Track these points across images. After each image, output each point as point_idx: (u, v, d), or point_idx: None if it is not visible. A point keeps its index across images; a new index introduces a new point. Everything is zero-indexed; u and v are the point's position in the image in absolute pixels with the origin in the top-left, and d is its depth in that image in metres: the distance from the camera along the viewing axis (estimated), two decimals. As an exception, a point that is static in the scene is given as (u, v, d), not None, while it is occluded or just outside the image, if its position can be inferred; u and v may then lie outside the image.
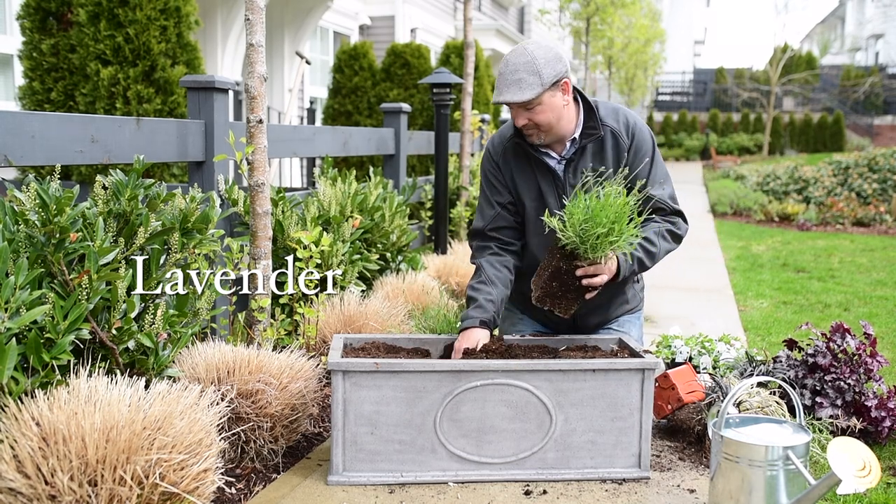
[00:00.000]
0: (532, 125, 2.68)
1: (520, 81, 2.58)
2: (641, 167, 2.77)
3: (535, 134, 2.71)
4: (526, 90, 2.58)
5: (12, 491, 1.79)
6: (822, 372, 2.88)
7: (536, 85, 2.58)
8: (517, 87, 2.58)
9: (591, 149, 2.77)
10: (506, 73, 2.60)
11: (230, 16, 9.18)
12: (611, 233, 2.45)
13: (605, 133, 2.77)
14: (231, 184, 3.44)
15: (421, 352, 2.74)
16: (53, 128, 2.61)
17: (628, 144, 2.77)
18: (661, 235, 2.77)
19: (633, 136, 2.78)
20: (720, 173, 18.50)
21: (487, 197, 2.90)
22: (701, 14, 49.06)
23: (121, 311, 2.25)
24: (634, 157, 2.78)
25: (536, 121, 2.66)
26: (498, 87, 2.63)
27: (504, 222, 2.87)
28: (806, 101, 30.06)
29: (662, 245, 2.77)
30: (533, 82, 2.58)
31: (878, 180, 12.13)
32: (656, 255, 2.75)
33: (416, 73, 8.62)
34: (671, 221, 2.82)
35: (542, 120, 2.66)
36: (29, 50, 4.91)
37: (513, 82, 2.58)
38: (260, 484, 2.42)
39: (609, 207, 2.43)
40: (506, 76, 2.60)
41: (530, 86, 2.58)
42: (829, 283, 6.42)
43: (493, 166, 2.88)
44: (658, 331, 4.46)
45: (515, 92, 2.58)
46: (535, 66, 2.58)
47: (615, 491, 2.42)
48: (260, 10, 2.99)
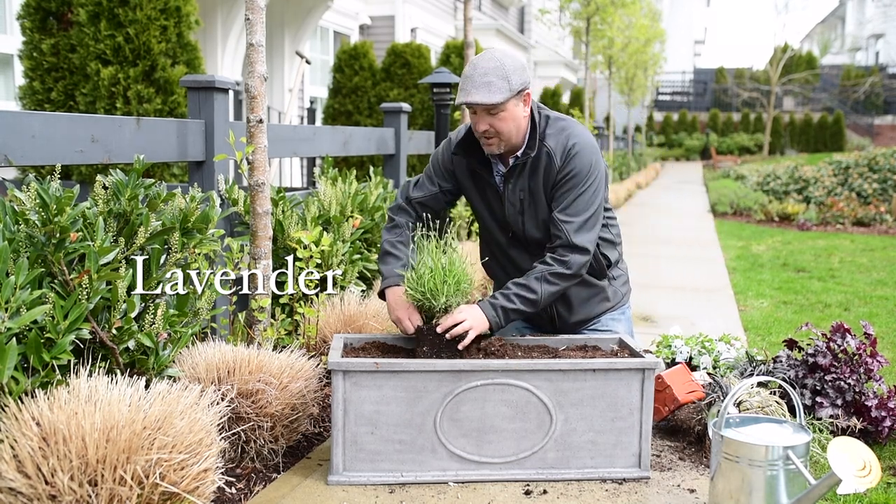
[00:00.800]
0: (493, 132, 2.64)
1: (489, 84, 2.55)
2: (566, 191, 2.69)
3: (494, 143, 2.68)
4: (495, 93, 2.55)
5: (12, 491, 1.79)
6: (823, 372, 2.88)
7: (505, 90, 2.56)
8: (486, 89, 2.55)
9: (529, 166, 2.74)
10: (474, 75, 2.57)
11: (230, 16, 9.18)
12: (445, 284, 2.49)
13: (541, 152, 2.72)
14: (231, 183, 3.44)
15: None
16: (54, 127, 2.61)
17: (559, 166, 2.70)
18: (542, 280, 2.65)
19: (568, 159, 2.70)
20: (720, 173, 18.50)
21: (431, 176, 2.92)
22: (701, 14, 49.06)
23: (121, 310, 2.25)
24: (564, 182, 2.70)
25: (498, 128, 2.63)
26: (464, 87, 2.58)
27: (433, 203, 2.91)
28: (806, 101, 30.07)
29: (545, 288, 2.64)
30: (502, 86, 2.56)
31: (879, 180, 12.13)
32: (538, 300, 2.65)
33: (416, 72, 8.62)
34: (560, 259, 2.67)
35: (504, 128, 2.64)
36: (29, 50, 4.91)
37: (482, 84, 2.55)
38: (260, 484, 2.42)
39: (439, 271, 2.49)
40: (474, 78, 2.57)
41: (499, 90, 2.56)
42: (829, 282, 6.42)
43: (448, 157, 2.89)
44: (658, 331, 4.47)
45: (485, 94, 2.55)
46: (504, 71, 2.57)
47: (615, 491, 2.42)
48: (260, 10, 2.99)
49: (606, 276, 2.96)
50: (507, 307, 2.62)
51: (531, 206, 2.76)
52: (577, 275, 2.71)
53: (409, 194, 2.92)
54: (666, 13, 33.86)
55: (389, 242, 2.82)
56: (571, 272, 2.68)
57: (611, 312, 3.02)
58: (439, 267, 2.48)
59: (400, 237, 2.83)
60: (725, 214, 11.83)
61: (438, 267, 2.48)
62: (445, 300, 2.49)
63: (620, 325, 3.02)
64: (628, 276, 3.13)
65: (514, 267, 2.92)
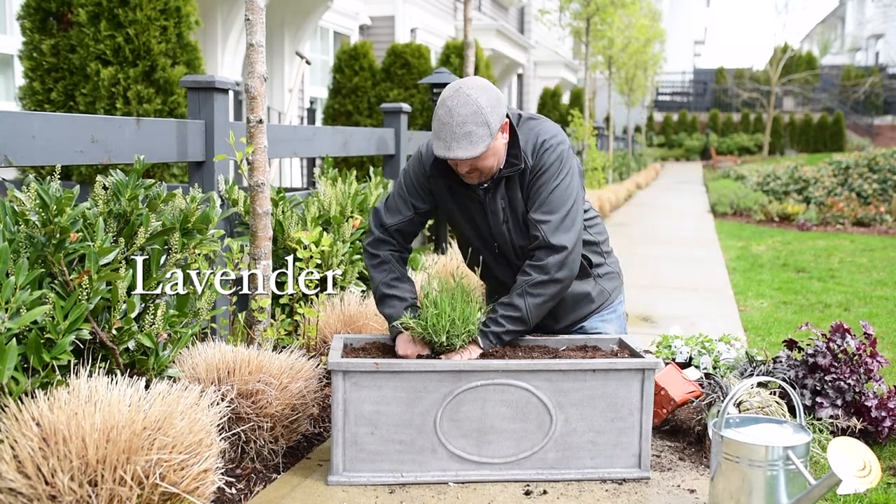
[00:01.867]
0: (474, 169, 2.57)
1: (469, 135, 2.43)
2: (538, 188, 2.63)
3: (475, 176, 2.61)
4: (478, 144, 2.44)
5: (12, 491, 1.79)
6: (823, 372, 2.88)
7: (486, 136, 2.45)
8: (467, 140, 2.43)
9: (507, 177, 2.68)
10: (452, 124, 2.43)
11: (230, 16, 9.18)
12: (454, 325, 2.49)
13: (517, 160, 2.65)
14: (231, 184, 3.44)
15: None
16: (54, 128, 2.61)
17: (531, 165, 2.63)
18: (524, 294, 2.58)
19: (537, 156, 2.63)
20: (720, 173, 18.51)
21: (405, 197, 2.76)
22: (701, 14, 49.07)
23: (121, 311, 2.26)
24: (536, 179, 2.63)
25: (480, 166, 2.56)
26: (444, 139, 2.45)
27: (411, 227, 2.78)
28: (806, 101, 30.08)
29: (529, 301, 2.58)
30: (482, 134, 2.44)
31: (879, 180, 12.13)
32: (525, 317, 2.59)
33: (416, 73, 8.62)
34: (537, 265, 2.59)
35: (486, 165, 2.57)
36: (29, 50, 4.91)
37: (462, 136, 2.43)
38: (260, 484, 2.42)
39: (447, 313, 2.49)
40: (453, 128, 2.43)
41: (480, 138, 2.44)
42: (829, 283, 6.42)
43: (422, 174, 2.75)
44: (658, 331, 4.47)
45: (467, 147, 2.44)
46: (483, 115, 2.44)
47: (615, 491, 2.42)
48: (260, 10, 2.99)
49: (590, 275, 2.88)
50: (499, 332, 2.58)
51: (513, 214, 2.69)
52: (558, 279, 2.59)
53: (383, 221, 2.77)
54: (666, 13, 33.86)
55: (385, 283, 2.69)
56: (551, 276, 2.57)
57: (599, 313, 2.93)
58: (445, 307, 2.49)
59: (393, 273, 2.71)
60: (725, 215, 11.83)
61: (445, 307, 2.49)
62: (447, 338, 2.50)
63: (611, 326, 2.94)
64: (619, 271, 3.02)
65: (498, 280, 2.88)
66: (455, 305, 2.51)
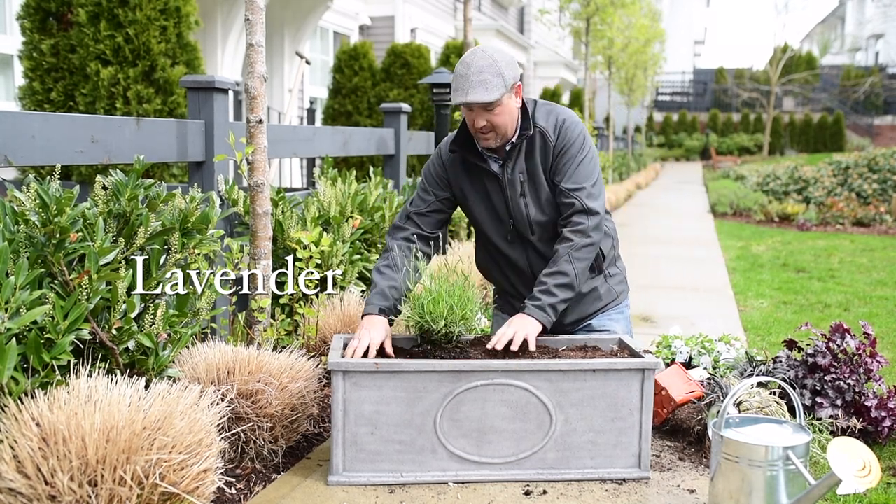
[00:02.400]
0: (490, 126, 2.69)
1: (485, 82, 2.60)
2: (566, 162, 2.77)
3: (491, 136, 2.73)
4: (492, 91, 2.60)
5: (12, 491, 1.79)
6: (822, 372, 2.88)
7: (500, 86, 2.62)
8: (483, 87, 2.60)
9: (524, 149, 2.81)
10: (468, 74, 2.61)
11: (230, 16, 9.18)
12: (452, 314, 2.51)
13: (535, 133, 2.80)
14: (231, 184, 3.44)
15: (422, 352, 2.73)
16: (54, 128, 2.61)
17: (554, 142, 2.78)
18: (570, 260, 2.70)
19: (560, 133, 2.78)
20: (720, 173, 18.51)
21: (426, 187, 2.93)
22: (701, 14, 49.06)
23: (121, 311, 2.26)
24: (562, 154, 2.78)
25: (494, 122, 2.68)
26: (460, 87, 2.62)
27: (431, 212, 2.90)
28: (806, 102, 30.07)
29: (576, 266, 2.70)
30: (497, 83, 2.61)
31: (878, 180, 12.13)
32: (574, 282, 2.70)
33: (416, 73, 8.62)
34: (577, 230, 2.72)
35: (500, 122, 2.69)
36: (29, 50, 4.91)
37: (478, 83, 2.60)
38: (260, 484, 2.42)
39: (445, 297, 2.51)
40: (469, 77, 2.61)
41: (495, 87, 2.61)
42: (829, 283, 6.42)
43: (439, 164, 2.93)
44: (658, 331, 4.47)
45: (482, 92, 2.60)
46: (498, 68, 2.62)
47: (615, 491, 2.42)
48: (260, 10, 2.99)
49: (603, 272, 2.94)
50: (554, 302, 2.68)
51: (531, 186, 2.81)
52: (596, 241, 2.76)
53: (406, 211, 2.93)
54: (666, 13, 33.85)
55: (376, 269, 2.81)
56: (591, 239, 2.74)
57: (606, 312, 2.98)
58: (442, 293, 2.49)
59: (386, 261, 2.81)
60: (725, 215, 11.83)
61: (441, 293, 2.49)
62: (445, 325, 2.50)
63: (619, 326, 2.99)
64: (625, 277, 3.11)
65: (512, 268, 2.92)
66: (452, 294, 2.51)
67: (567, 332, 2.93)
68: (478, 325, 3.82)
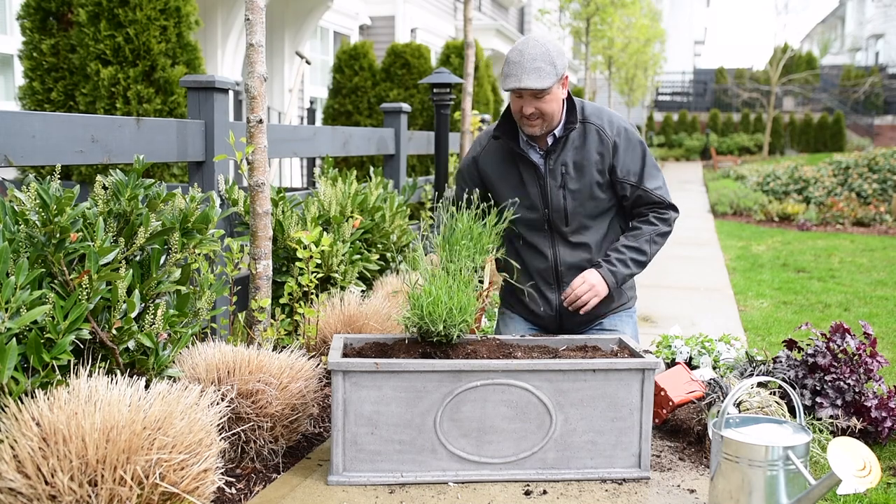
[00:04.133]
0: (538, 114, 2.77)
1: (539, 70, 2.68)
2: (633, 162, 2.90)
3: (538, 124, 2.81)
4: (545, 78, 2.69)
5: (12, 491, 1.79)
6: (822, 372, 2.88)
7: (552, 74, 2.71)
8: (537, 74, 2.68)
9: (572, 143, 2.88)
10: (522, 61, 2.69)
11: (230, 16, 9.18)
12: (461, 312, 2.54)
13: (588, 128, 2.88)
14: (231, 184, 3.44)
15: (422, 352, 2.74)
16: (54, 128, 2.61)
17: (613, 140, 2.88)
18: (651, 241, 2.93)
19: (620, 133, 2.90)
20: (720, 173, 18.50)
21: (462, 187, 3.04)
22: (701, 14, 49.05)
23: (121, 311, 2.26)
24: (624, 153, 2.89)
25: (543, 109, 2.76)
26: (514, 73, 2.70)
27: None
28: (806, 101, 30.06)
29: (653, 250, 2.94)
30: (550, 72, 2.70)
31: (879, 180, 12.13)
32: (646, 262, 2.94)
33: (416, 73, 8.62)
34: (663, 218, 2.95)
35: (549, 109, 2.77)
36: (29, 50, 4.91)
37: (532, 70, 2.68)
38: (260, 484, 2.42)
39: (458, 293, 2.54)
40: (523, 64, 2.69)
41: (548, 75, 2.70)
42: (829, 283, 6.42)
43: (472, 164, 3.03)
44: (658, 331, 4.47)
45: (536, 79, 2.68)
46: (551, 56, 2.70)
47: (615, 491, 2.42)
48: (260, 10, 2.99)
49: None
50: (625, 273, 2.87)
51: (574, 179, 2.89)
52: (670, 235, 3.00)
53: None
54: (666, 13, 33.85)
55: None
56: (670, 230, 2.98)
57: (618, 313, 3.07)
58: (441, 296, 2.50)
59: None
60: (725, 215, 11.83)
61: (441, 296, 2.50)
62: (444, 327, 2.50)
63: (628, 328, 3.07)
64: (635, 282, 3.20)
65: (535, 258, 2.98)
66: (452, 295, 2.51)
67: (582, 325, 3.01)
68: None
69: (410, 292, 2.56)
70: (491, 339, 2.69)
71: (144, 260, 2.44)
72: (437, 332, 2.50)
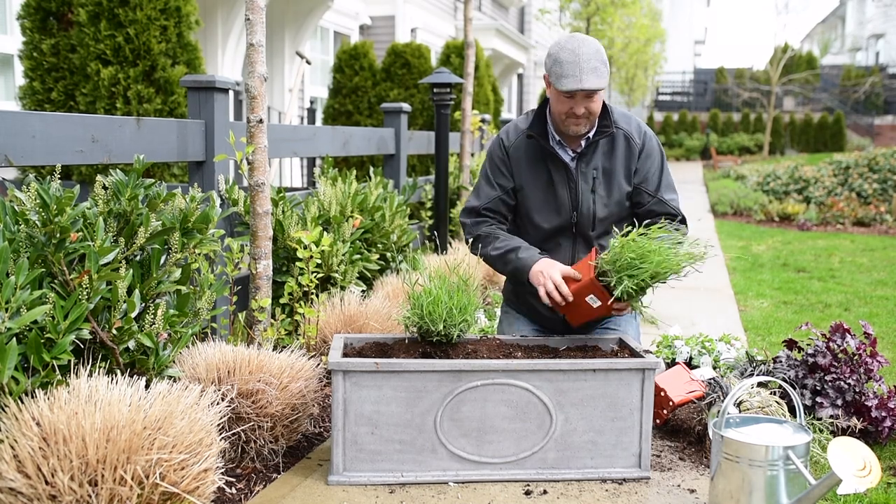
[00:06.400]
0: (587, 113, 2.77)
1: (596, 69, 2.68)
2: (654, 171, 2.91)
3: (584, 123, 2.80)
4: (602, 78, 2.69)
5: (13, 491, 1.79)
6: (823, 372, 2.88)
7: (606, 74, 2.72)
8: (595, 74, 2.67)
9: (602, 147, 2.88)
10: (580, 61, 2.67)
11: (230, 16, 9.18)
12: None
13: (617, 134, 2.88)
14: (231, 184, 3.44)
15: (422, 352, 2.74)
16: (54, 128, 2.61)
17: (640, 147, 2.89)
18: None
19: (645, 141, 2.91)
20: (720, 173, 18.50)
21: (490, 179, 2.97)
22: (701, 14, 49.04)
23: (121, 310, 2.26)
24: (646, 160, 2.90)
25: (591, 109, 2.76)
26: (572, 73, 2.67)
27: (500, 205, 2.96)
28: (806, 101, 30.04)
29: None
30: (605, 71, 2.71)
31: (879, 180, 12.12)
32: None
33: (416, 72, 8.61)
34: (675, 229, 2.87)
35: (596, 108, 2.78)
36: (29, 50, 4.91)
37: (590, 70, 2.67)
38: (260, 484, 2.42)
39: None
40: (580, 64, 2.66)
41: (604, 74, 2.70)
42: (829, 282, 6.42)
43: (503, 152, 2.96)
44: (658, 331, 4.46)
45: (595, 79, 2.67)
46: (602, 55, 2.71)
47: (615, 491, 2.42)
48: (260, 10, 2.99)
49: None
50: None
51: (603, 184, 2.89)
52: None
53: (473, 206, 2.97)
54: (666, 13, 33.84)
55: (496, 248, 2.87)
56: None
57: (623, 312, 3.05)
58: (442, 296, 2.50)
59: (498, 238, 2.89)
60: (726, 214, 11.82)
61: (441, 296, 2.50)
62: (444, 327, 2.50)
63: (631, 329, 3.06)
64: None
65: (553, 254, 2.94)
66: (452, 295, 2.51)
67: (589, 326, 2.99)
68: (477, 325, 3.82)
69: (411, 292, 2.56)
70: (491, 339, 2.69)
71: (144, 260, 2.44)
72: (438, 332, 2.50)
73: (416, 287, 2.58)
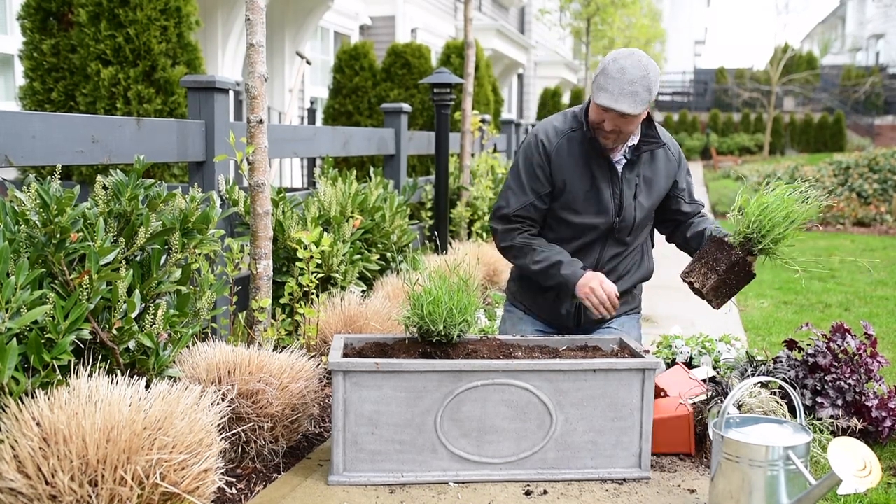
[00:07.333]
0: (616, 131, 2.74)
1: (635, 94, 2.63)
2: (689, 180, 3.06)
3: (612, 138, 2.78)
4: (639, 105, 2.64)
5: (13, 491, 1.79)
6: (823, 372, 2.88)
7: (645, 102, 2.66)
8: (632, 99, 2.63)
9: (646, 157, 2.91)
10: (622, 81, 2.63)
11: (231, 16, 9.18)
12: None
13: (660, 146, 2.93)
14: (231, 184, 3.44)
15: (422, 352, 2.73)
16: (54, 128, 2.61)
17: (678, 159, 3.00)
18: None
19: (678, 152, 3.02)
20: (721, 173, 18.50)
21: (523, 183, 2.91)
22: (701, 14, 49.05)
23: (121, 311, 2.26)
24: (683, 170, 3.03)
25: (623, 129, 2.74)
26: (610, 90, 2.64)
27: (532, 212, 2.92)
28: (807, 101, 30.03)
29: None
30: (644, 98, 2.65)
31: (879, 180, 12.12)
32: None
33: (416, 73, 8.61)
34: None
35: (627, 130, 2.76)
36: (29, 50, 4.91)
37: (629, 93, 2.63)
38: (260, 484, 2.42)
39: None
40: (622, 84, 2.63)
41: (642, 101, 2.65)
42: (829, 283, 6.41)
43: (543, 157, 2.89)
44: (658, 331, 4.46)
45: (630, 104, 2.63)
46: (649, 83, 2.65)
47: (616, 491, 2.42)
48: (260, 10, 2.99)
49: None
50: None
51: (643, 191, 2.92)
52: None
53: (503, 213, 2.93)
54: (666, 13, 33.85)
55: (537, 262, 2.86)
56: None
57: (629, 314, 3.13)
58: (442, 296, 2.50)
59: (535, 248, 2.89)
60: (726, 214, 11.83)
61: (441, 296, 2.50)
62: (444, 327, 2.50)
63: (633, 330, 3.11)
64: (642, 287, 3.27)
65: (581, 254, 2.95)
66: (452, 295, 2.51)
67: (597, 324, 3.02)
68: (477, 325, 3.82)
69: (411, 292, 2.56)
70: (491, 339, 2.69)
71: (145, 260, 2.44)
72: (438, 332, 2.50)
73: (416, 287, 2.58)
